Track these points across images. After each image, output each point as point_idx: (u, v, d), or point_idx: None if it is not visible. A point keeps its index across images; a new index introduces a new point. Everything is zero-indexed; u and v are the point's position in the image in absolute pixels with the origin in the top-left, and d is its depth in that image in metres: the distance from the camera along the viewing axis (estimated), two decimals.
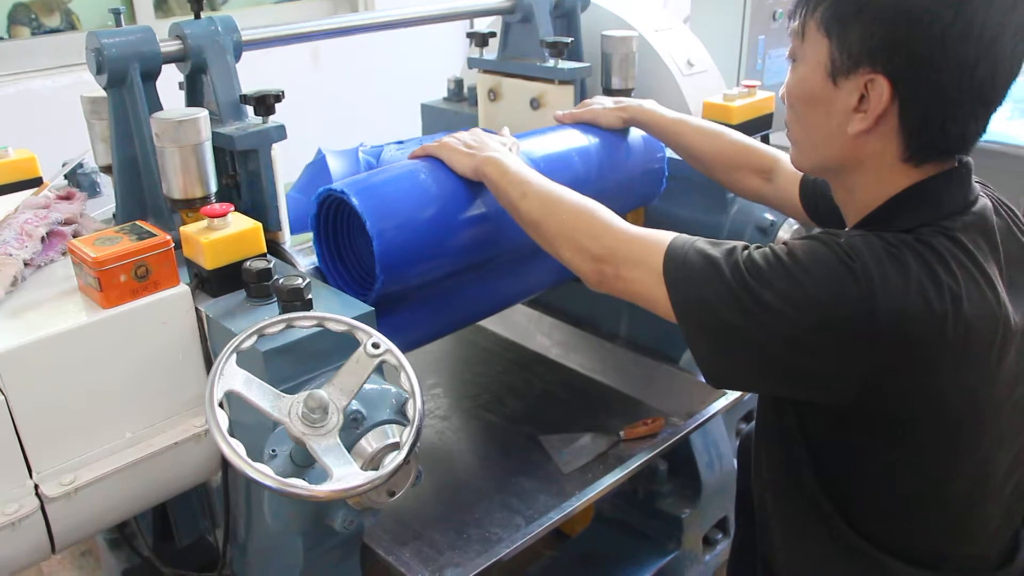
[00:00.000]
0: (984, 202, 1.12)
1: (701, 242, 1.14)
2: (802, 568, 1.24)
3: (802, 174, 1.48)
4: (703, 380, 1.86)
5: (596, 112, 1.71)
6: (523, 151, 1.53)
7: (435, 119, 2.36)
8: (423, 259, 1.43)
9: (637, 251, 1.18)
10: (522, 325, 2.26)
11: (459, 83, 2.35)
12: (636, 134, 1.75)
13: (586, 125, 1.71)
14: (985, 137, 1.10)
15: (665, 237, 1.17)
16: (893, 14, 1.01)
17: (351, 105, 3.26)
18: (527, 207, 1.32)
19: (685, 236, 1.16)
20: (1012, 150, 2.65)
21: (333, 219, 1.45)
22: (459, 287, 1.61)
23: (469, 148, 1.45)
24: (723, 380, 1.18)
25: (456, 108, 2.32)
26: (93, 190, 1.73)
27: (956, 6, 0.99)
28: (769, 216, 1.84)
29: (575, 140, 1.68)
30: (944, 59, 1.01)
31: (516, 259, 1.66)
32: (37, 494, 1.17)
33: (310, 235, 1.52)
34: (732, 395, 1.84)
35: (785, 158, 1.54)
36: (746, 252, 1.09)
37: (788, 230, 1.85)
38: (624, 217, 1.27)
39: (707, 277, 1.08)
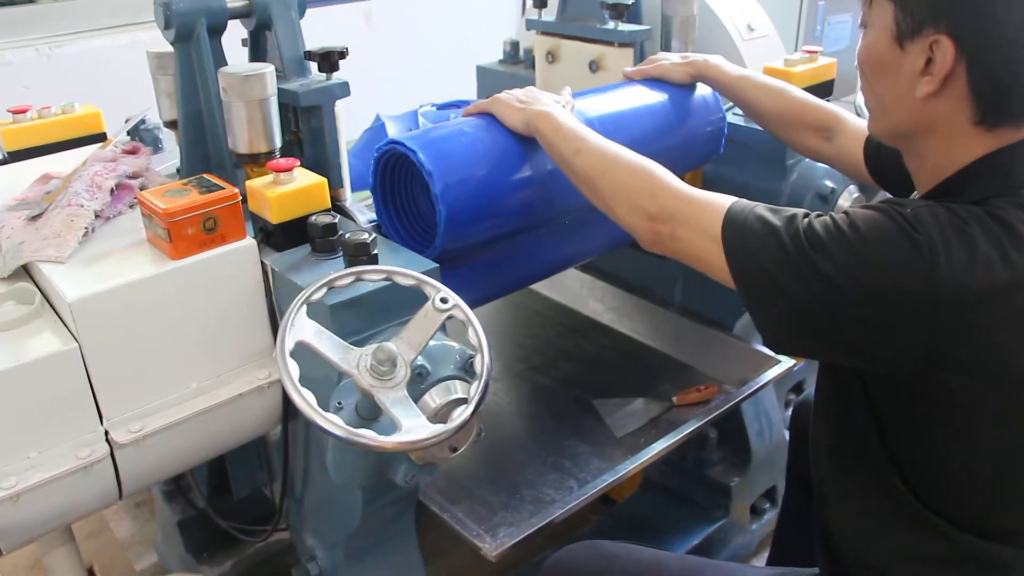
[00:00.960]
0: None
1: (761, 208, 1.12)
2: (865, 540, 1.23)
3: (866, 136, 1.46)
4: (756, 348, 1.89)
5: (664, 68, 1.70)
6: (579, 110, 1.52)
7: (491, 81, 2.35)
8: (485, 216, 1.42)
9: (696, 213, 1.17)
10: (575, 290, 2.26)
11: (515, 45, 2.34)
12: (695, 95, 1.73)
13: (650, 82, 1.70)
14: None
15: (724, 201, 1.16)
16: None
17: (405, 67, 3.26)
18: (581, 163, 1.31)
19: (745, 201, 1.15)
20: None
21: (391, 173, 1.45)
22: (514, 248, 1.61)
23: (521, 103, 1.45)
24: (782, 347, 1.17)
25: (512, 71, 2.31)
26: (155, 146, 1.76)
27: None
28: (829, 183, 1.82)
29: (632, 100, 1.66)
30: (1008, 15, 0.99)
31: (573, 220, 1.65)
32: (107, 440, 1.20)
33: (368, 193, 1.53)
34: (786, 364, 1.83)
35: (848, 117, 1.53)
36: (807, 220, 1.07)
37: (848, 198, 1.82)
38: (682, 179, 1.26)
39: (766, 244, 1.07)
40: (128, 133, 1.75)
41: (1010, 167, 1.07)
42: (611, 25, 1.91)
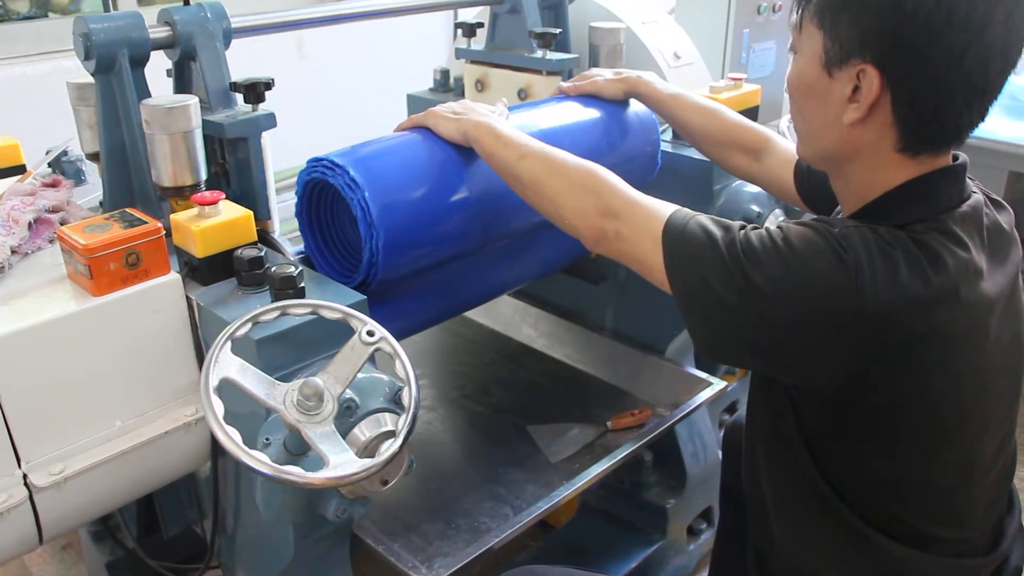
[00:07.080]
0: (978, 197, 1.14)
1: (702, 217, 1.15)
2: (800, 552, 1.25)
3: (796, 159, 1.50)
4: (689, 371, 1.91)
5: (598, 84, 1.71)
6: (515, 124, 1.52)
7: (421, 109, 2.32)
8: (423, 242, 1.42)
9: (640, 215, 1.19)
10: (508, 316, 2.26)
11: (445, 73, 2.34)
12: (631, 116, 1.74)
13: (586, 99, 1.70)
14: None
15: (667, 207, 1.19)
16: (878, 3, 1.02)
17: (336, 95, 3.24)
18: (528, 167, 1.31)
19: (687, 210, 1.18)
20: (987, 144, 2.67)
21: (318, 197, 1.43)
22: (446, 276, 1.61)
23: (457, 114, 1.45)
24: (712, 352, 1.18)
25: (442, 99, 2.31)
26: (78, 178, 1.71)
27: None
28: (756, 208, 1.85)
29: (569, 115, 1.67)
30: (930, 47, 1.02)
31: (506, 246, 1.66)
32: (26, 484, 1.16)
33: (296, 224, 1.51)
34: (717, 386, 1.85)
35: (778, 140, 1.56)
36: (743, 232, 1.10)
37: (774, 222, 1.85)
38: None
39: (703, 251, 1.10)
40: (49, 165, 1.70)
41: (931, 193, 1.11)
42: (539, 54, 1.93)
